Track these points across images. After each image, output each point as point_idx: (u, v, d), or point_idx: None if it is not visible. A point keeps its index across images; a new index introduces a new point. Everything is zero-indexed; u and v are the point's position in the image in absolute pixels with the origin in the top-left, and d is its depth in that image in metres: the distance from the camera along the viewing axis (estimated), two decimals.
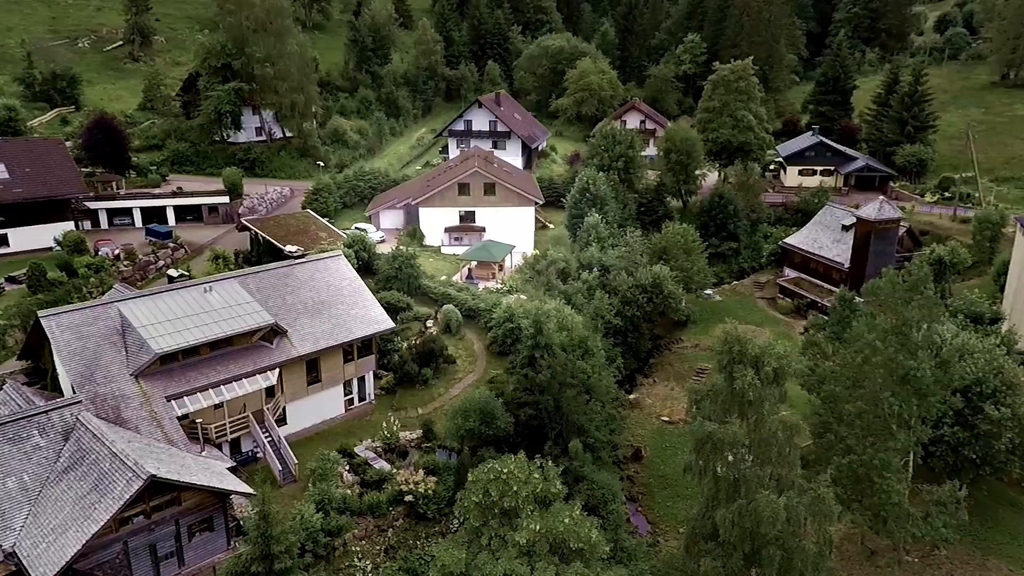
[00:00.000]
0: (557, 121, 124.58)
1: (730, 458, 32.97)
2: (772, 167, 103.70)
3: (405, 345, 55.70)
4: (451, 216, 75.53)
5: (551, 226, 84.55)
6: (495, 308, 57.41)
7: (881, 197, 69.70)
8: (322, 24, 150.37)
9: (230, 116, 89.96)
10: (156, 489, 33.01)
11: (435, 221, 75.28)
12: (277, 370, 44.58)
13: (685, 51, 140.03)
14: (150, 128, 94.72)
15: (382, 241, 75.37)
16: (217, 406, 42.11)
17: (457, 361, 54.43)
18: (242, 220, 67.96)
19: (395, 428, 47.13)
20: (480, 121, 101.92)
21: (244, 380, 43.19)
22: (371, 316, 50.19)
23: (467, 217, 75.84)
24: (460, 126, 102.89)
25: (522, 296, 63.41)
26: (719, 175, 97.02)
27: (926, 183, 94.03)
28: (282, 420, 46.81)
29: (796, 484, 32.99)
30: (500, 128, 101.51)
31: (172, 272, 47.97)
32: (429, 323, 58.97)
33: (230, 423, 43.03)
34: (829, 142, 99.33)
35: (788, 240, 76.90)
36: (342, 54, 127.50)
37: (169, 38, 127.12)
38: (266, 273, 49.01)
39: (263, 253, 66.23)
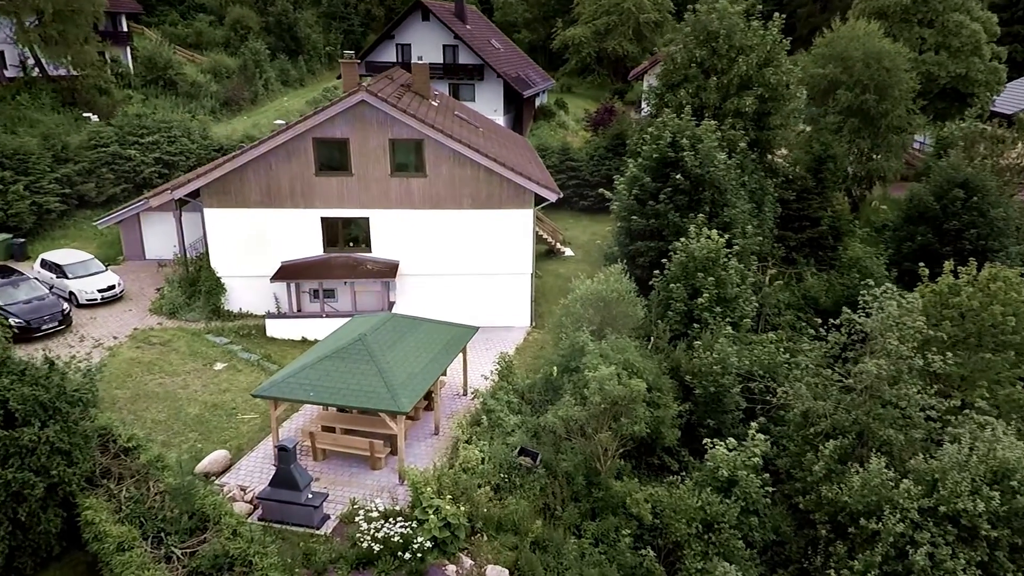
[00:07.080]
0: (563, 69, 76.88)
1: None
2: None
3: None
4: (302, 231, 27.41)
5: (567, 252, 37.07)
6: None
7: None
8: None
9: None
10: None
11: (249, 246, 27.21)
12: None
13: None
14: None
15: (112, 295, 27.52)
16: None
17: None
18: None
19: None
20: (426, 44, 53.91)
21: None
22: None
23: (347, 235, 27.82)
24: (389, 54, 54.93)
25: None
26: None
27: None
28: None
29: None
30: (465, 59, 53.68)
31: None
32: None
33: None
34: None
35: None
36: None
37: None
38: None
39: None
